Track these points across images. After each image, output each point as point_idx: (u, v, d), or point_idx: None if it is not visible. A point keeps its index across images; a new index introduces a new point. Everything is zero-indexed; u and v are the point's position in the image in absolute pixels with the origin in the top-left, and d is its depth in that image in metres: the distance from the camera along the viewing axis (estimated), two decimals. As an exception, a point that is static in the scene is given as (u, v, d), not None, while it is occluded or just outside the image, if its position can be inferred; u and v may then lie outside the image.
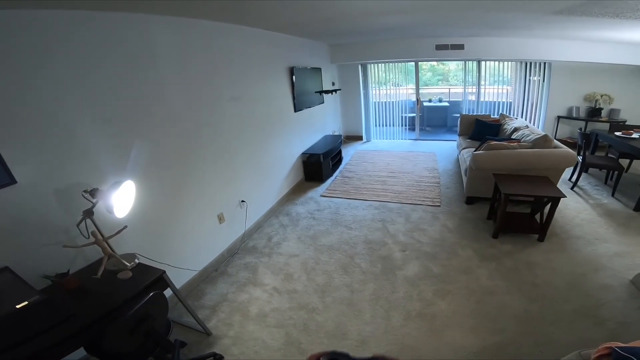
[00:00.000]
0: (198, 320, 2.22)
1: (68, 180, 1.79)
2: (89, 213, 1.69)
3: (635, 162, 4.96)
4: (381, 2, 2.40)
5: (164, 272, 1.84)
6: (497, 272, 2.77)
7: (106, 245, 1.77)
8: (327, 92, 5.59)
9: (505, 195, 3.00)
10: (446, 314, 2.36)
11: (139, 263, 1.90)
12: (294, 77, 4.48)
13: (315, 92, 5.44)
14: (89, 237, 1.72)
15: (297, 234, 3.60)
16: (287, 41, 4.40)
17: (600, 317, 2.25)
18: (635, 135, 4.28)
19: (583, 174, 4.85)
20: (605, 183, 4.55)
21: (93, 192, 1.68)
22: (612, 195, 4.14)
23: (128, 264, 1.82)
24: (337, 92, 6.66)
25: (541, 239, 3.17)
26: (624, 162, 4.88)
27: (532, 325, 2.21)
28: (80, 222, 1.69)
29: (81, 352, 1.52)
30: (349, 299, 2.57)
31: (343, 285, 2.73)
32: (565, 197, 3.03)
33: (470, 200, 4.06)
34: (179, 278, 2.53)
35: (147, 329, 1.47)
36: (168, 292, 1.87)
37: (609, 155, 4.76)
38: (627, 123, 5.52)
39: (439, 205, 4.08)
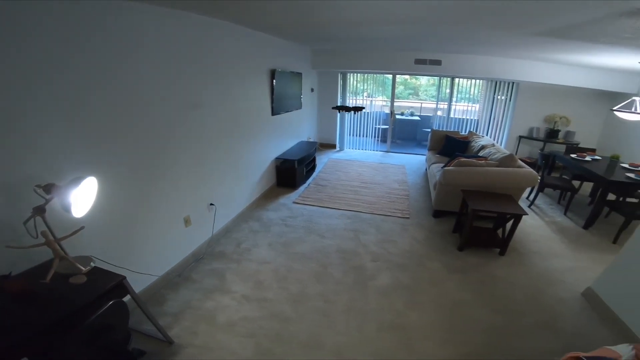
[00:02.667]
0: (159, 327, 2.07)
1: (18, 173, 1.60)
2: (40, 210, 1.51)
3: (585, 183, 5.38)
4: (374, 10, 2.43)
5: (124, 277, 1.70)
6: (464, 284, 2.87)
7: (58, 247, 1.59)
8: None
9: (473, 211, 3.12)
10: (417, 326, 2.40)
11: (95, 267, 1.73)
12: (274, 80, 4.41)
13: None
14: (37, 237, 1.54)
15: (268, 240, 3.52)
16: (272, 42, 4.35)
17: (557, 328, 2.41)
18: (588, 158, 4.65)
19: (540, 194, 5.20)
20: (559, 202, 4.91)
21: (47, 188, 1.50)
22: (565, 213, 4.47)
23: (83, 268, 1.64)
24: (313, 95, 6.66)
25: (502, 253, 3.34)
26: (576, 183, 5.30)
27: (497, 337, 2.31)
28: (29, 219, 1.50)
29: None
30: (322, 309, 2.53)
31: (317, 295, 2.69)
32: (527, 214, 3.22)
33: (437, 214, 4.19)
34: (138, 282, 2.35)
35: (105, 341, 1.34)
36: (126, 297, 1.74)
37: (563, 176, 5.13)
38: (579, 145, 6.00)
39: (408, 217, 4.17)
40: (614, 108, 4.29)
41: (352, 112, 5.67)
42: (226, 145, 3.48)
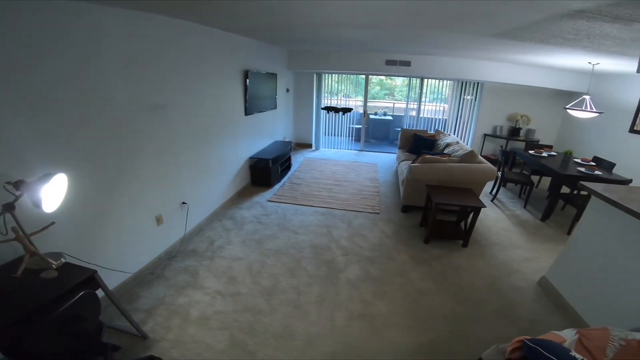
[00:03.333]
0: (133, 322, 2.11)
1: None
2: (9, 207, 1.53)
3: (544, 178, 5.76)
4: (336, 14, 2.55)
5: (95, 271, 1.75)
6: (428, 275, 3.04)
7: (28, 243, 1.62)
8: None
9: (435, 204, 3.32)
10: (384, 314, 2.53)
11: (65, 262, 1.76)
12: (247, 80, 4.46)
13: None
14: (7, 233, 1.57)
15: (241, 237, 3.58)
16: (245, 43, 4.39)
17: (514, 316, 2.57)
18: (544, 154, 5.00)
19: (502, 188, 5.52)
20: (519, 196, 5.23)
21: (17, 184, 1.53)
22: (524, 207, 4.78)
23: (54, 262, 1.68)
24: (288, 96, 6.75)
25: (465, 245, 3.55)
26: (536, 178, 5.67)
27: (459, 324, 2.45)
28: (-2, 216, 1.53)
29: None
30: (295, 301, 2.63)
31: (290, 288, 2.78)
32: (486, 207, 3.45)
33: (405, 209, 4.39)
34: (110, 280, 2.34)
35: (76, 330, 1.38)
36: (100, 293, 1.78)
37: (524, 171, 5.47)
38: (540, 142, 6.40)
39: (378, 213, 4.34)
40: (567, 106, 4.66)
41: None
42: (197, 145, 3.50)
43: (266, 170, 5.01)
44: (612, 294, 2.21)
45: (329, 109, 5.22)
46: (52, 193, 1.62)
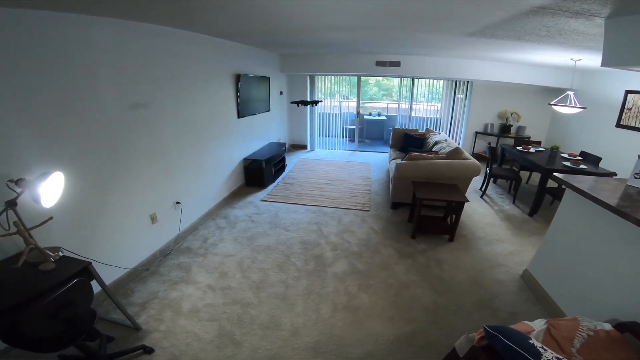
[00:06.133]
0: (127, 314, 2.23)
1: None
2: (11, 204, 1.67)
3: (535, 174, 5.83)
4: (316, 18, 2.68)
5: (90, 263, 1.87)
6: (412, 268, 3.15)
7: (28, 236, 1.75)
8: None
9: (420, 200, 3.43)
10: (368, 306, 2.63)
11: (63, 256, 1.89)
12: (239, 83, 4.59)
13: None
14: (9, 229, 1.70)
15: (234, 235, 3.70)
16: (236, 49, 4.52)
17: (494, 308, 2.62)
18: (532, 150, 5.09)
19: (492, 184, 5.62)
20: (509, 192, 5.31)
21: (18, 182, 1.67)
22: (513, 202, 4.87)
23: (52, 256, 1.81)
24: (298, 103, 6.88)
25: (451, 239, 3.65)
26: (526, 174, 5.76)
27: (439, 316, 2.52)
28: (1, 212, 1.66)
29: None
30: (283, 294, 2.74)
31: (278, 282, 2.90)
32: (469, 201, 3.56)
33: (395, 206, 4.51)
34: (106, 276, 2.45)
35: (69, 314, 1.50)
36: (96, 289, 1.90)
37: (513, 167, 5.56)
38: (530, 139, 6.49)
39: (368, 210, 4.46)
40: (552, 102, 4.76)
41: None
42: (189, 147, 3.63)
43: (260, 171, 5.13)
44: (587, 285, 2.23)
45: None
46: (50, 190, 1.75)
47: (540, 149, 5.29)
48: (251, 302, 2.63)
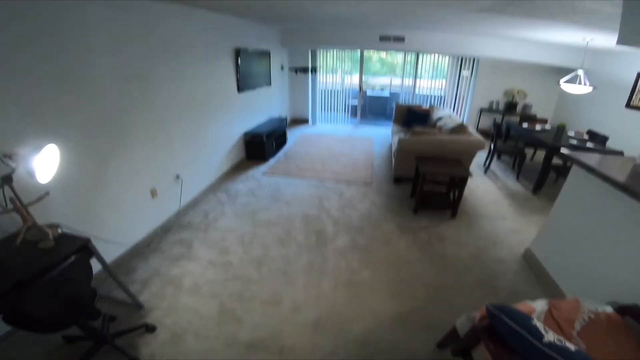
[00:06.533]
0: (128, 292, 2.22)
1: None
2: (7, 179, 1.61)
3: (539, 151, 5.75)
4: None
5: (89, 240, 1.82)
6: (414, 244, 3.13)
7: (25, 213, 1.70)
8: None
9: (422, 174, 3.37)
10: (369, 283, 2.61)
11: (62, 233, 1.85)
12: (239, 58, 4.45)
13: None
14: (6, 206, 1.65)
15: (234, 210, 3.68)
16: (235, 23, 4.35)
17: (495, 287, 2.59)
18: (538, 127, 4.97)
19: (496, 161, 5.54)
20: (513, 168, 5.23)
21: (12, 157, 1.59)
22: (517, 179, 4.80)
23: (50, 233, 1.76)
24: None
25: (454, 216, 3.62)
26: (531, 151, 5.67)
27: (440, 293, 2.50)
28: (-2, 190, 1.61)
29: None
30: (284, 270, 2.73)
31: (279, 257, 2.88)
32: (472, 176, 3.48)
33: (397, 180, 4.46)
34: (107, 253, 2.43)
35: (68, 293, 1.48)
36: (97, 268, 1.88)
37: (518, 144, 5.46)
38: (537, 117, 6.35)
39: (370, 184, 4.41)
40: (562, 81, 4.59)
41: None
42: (188, 120, 3.54)
43: (261, 145, 5.06)
44: (590, 265, 2.19)
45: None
46: (45, 164, 1.67)
47: (547, 127, 5.16)
48: (252, 278, 2.63)
